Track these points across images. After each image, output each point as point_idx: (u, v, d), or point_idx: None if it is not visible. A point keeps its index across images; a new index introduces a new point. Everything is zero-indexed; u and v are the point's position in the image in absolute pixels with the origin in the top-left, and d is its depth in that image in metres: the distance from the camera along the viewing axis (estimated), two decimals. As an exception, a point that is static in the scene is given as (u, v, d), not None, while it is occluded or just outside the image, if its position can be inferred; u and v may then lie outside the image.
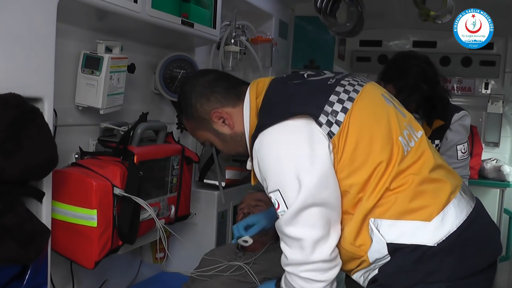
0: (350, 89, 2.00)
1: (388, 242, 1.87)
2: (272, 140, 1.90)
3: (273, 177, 1.89)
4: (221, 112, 2.11)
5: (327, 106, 1.91)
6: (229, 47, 3.43)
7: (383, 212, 1.88)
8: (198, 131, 2.22)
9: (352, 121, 1.90)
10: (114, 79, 2.38)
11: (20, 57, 1.79)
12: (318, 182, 1.84)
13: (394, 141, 1.93)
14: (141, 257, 3.22)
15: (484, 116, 5.21)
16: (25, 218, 1.80)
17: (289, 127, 1.89)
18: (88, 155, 2.44)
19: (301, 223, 1.86)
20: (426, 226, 1.86)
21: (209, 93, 2.12)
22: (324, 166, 1.86)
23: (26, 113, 1.72)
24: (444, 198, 1.90)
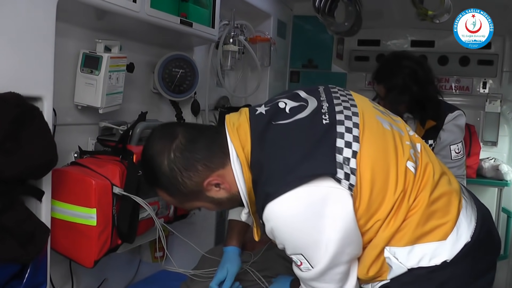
0: (350, 124, 1.83)
1: (409, 268, 1.81)
2: (287, 213, 1.72)
3: (293, 245, 1.78)
4: (215, 179, 1.87)
5: (337, 155, 1.74)
6: (228, 46, 3.44)
7: (398, 240, 1.81)
8: (187, 203, 2.00)
9: (363, 164, 1.76)
10: (113, 79, 2.39)
11: (20, 56, 1.80)
12: (342, 243, 1.74)
13: (405, 168, 1.82)
14: (140, 256, 3.22)
15: (482, 115, 5.21)
16: (25, 217, 1.81)
17: (304, 196, 1.70)
18: (87, 154, 2.44)
19: (327, 280, 1.81)
20: (443, 245, 1.81)
21: (193, 161, 1.85)
22: (347, 226, 1.74)
23: (26, 112, 1.73)
24: (455, 212, 1.85)
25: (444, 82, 5.27)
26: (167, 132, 1.91)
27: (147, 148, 1.93)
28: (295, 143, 1.79)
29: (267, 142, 1.82)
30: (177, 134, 1.87)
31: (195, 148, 1.85)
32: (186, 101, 3.21)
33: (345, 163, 1.73)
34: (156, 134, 1.93)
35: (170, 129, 1.92)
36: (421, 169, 1.87)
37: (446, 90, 5.22)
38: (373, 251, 1.82)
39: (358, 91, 2.10)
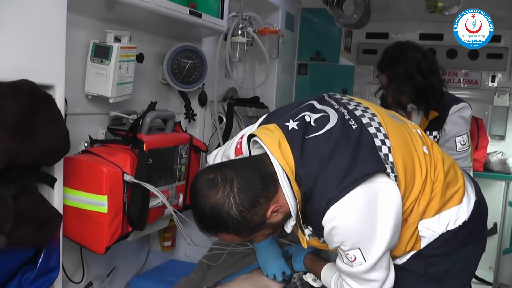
0: (376, 125, 2.00)
1: (440, 233, 2.09)
2: (349, 212, 1.85)
3: (353, 241, 1.89)
4: (274, 206, 1.92)
5: (380, 153, 1.93)
6: (236, 38, 3.45)
7: (428, 213, 2.06)
8: (252, 235, 2.03)
9: (396, 156, 1.96)
10: (123, 68, 2.40)
11: (32, 46, 1.82)
12: (394, 231, 1.92)
13: (423, 153, 2.08)
14: (149, 246, 3.25)
15: (491, 109, 5.20)
16: (38, 202, 1.83)
17: (362, 195, 1.85)
18: (97, 143, 2.46)
19: (378, 268, 1.94)
20: (461, 208, 2.13)
21: (255, 197, 1.88)
22: (398, 215, 1.92)
23: (39, 99, 1.75)
24: (462, 179, 2.19)
25: (453, 75, 5.27)
26: (217, 178, 1.89)
27: (203, 201, 1.89)
28: (338, 152, 1.90)
29: (310, 155, 1.91)
30: (231, 178, 1.87)
31: (253, 184, 1.88)
32: (194, 92, 3.22)
33: (386, 158, 1.93)
34: (206, 184, 1.91)
35: (219, 174, 1.90)
36: (430, 150, 2.13)
37: (454, 83, 5.22)
38: (409, 229, 2.06)
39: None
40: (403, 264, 2.15)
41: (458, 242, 2.13)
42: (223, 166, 1.95)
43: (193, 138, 2.84)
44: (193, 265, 2.88)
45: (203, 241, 2.82)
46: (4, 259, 1.73)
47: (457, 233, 2.11)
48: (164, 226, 2.74)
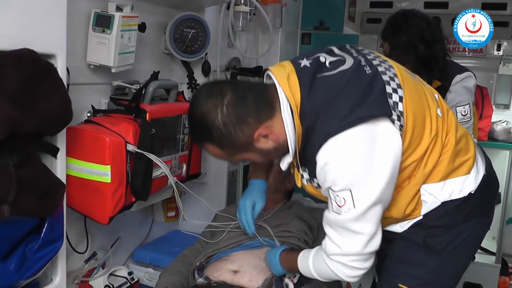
0: (391, 74, 1.97)
1: (442, 201, 2.05)
2: (345, 147, 1.82)
3: (346, 179, 1.85)
4: (263, 130, 1.94)
5: (389, 100, 1.89)
6: (239, 7, 3.41)
7: (434, 177, 2.03)
8: (237, 156, 2.06)
9: (408, 107, 1.92)
10: (125, 38, 2.38)
11: (33, 15, 1.80)
12: (389, 182, 1.88)
13: (436, 114, 2.04)
14: (152, 216, 3.27)
15: (495, 78, 5.17)
16: (41, 172, 1.83)
17: (362, 133, 1.82)
18: (100, 113, 2.45)
19: (367, 220, 1.90)
20: (468, 178, 2.08)
21: (244, 114, 1.92)
22: (396, 164, 1.89)
23: (41, 68, 1.74)
24: (473, 150, 2.14)
25: (457, 44, 5.21)
26: (215, 89, 1.97)
27: (196, 106, 1.97)
28: (347, 90, 1.89)
29: (318, 91, 1.91)
30: (226, 91, 1.93)
31: (245, 102, 1.93)
32: (197, 62, 3.20)
33: (395, 106, 1.89)
34: (203, 92, 1.99)
35: (218, 87, 1.98)
36: (445, 114, 2.09)
37: (459, 52, 5.17)
38: (411, 190, 2.03)
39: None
40: (404, 232, 2.14)
41: (461, 215, 2.09)
42: (227, 81, 2.14)
43: (196, 108, 2.81)
44: (197, 236, 2.89)
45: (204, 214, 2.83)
46: (8, 229, 1.73)
47: (461, 206, 2.06)
48: (168, 196, 2.74)
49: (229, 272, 2.44)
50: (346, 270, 2.01)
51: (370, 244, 1.94)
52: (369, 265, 2.01)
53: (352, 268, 1.99)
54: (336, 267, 2.01)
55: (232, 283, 2.40)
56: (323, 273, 2.11)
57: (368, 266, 2.01)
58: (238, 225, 2.65)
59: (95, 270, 2.64)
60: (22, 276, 1.79)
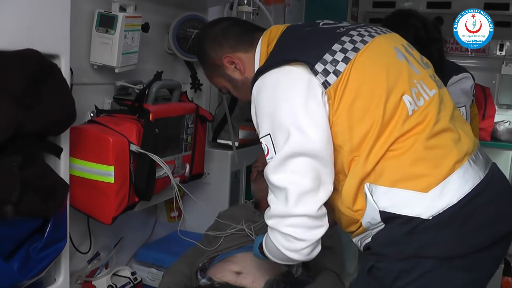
0: (358, 39, 1.92)
1: (380, 209, 1.78)
2: (269, 83, 1.87)
3: (266, 121, 1.83)
4: (232, 57, 2.14)
5: (327, 55, 1.84)
6: (242, 7, 3.41)
7: (378, 178, 1.79)
8: (214, 78, 2.29)
9: (354, 72, 1.82)
10: (128, 38, 2.39)
11: (37, 15, 1.80)
12: (310, 130, 1.77)
13: (398, 99, 1.82)
14: (155, 216, 3.27)
15: (498, 78, 5.17)
16: (45, 172, 1.83)
17: (286, 72, 1.85)
18: (103, 113, 2.45)
19: (289, 171, 1.78)
20: (422, 198, 1.75)
21: (222, 39, 2.16)
22: (318, 116, 1.79)
23: (45, 68, 1.74)
24: (447, 168, 1.77)
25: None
26: (218, 19, 2.42)
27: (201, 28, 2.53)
28: (301, 41, 1.98)
29: (286, 40, 2.03)
30: (222, 21, 2.29)
31: (228, 32, 2.17)
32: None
33: (332, 63, 1.83)
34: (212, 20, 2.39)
35: (222, 18, 2.51)
36: (422, 113, 1.83)
37: (461, 52, 5.17)
38: (353, 180, 1.82)
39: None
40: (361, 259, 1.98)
41: (411, 246, 1.77)
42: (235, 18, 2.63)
43: (199, 108, 2.82)
44: (200, 236, 2.89)
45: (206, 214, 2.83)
46: (12, 229, 1.73)
47: (412, 235, 1.76)
48: (171, 196, 2.73)
49: (232, 273, 2.45)
50: (284, 240, 1.84)
51: (300, 204, 1.77)
52: (309, 237, 1.80)
53: (287, 236, 1.82)
54: (275, 236, 1.87)
55: (235, 284, 2.41)
56: (271, 250, 1.96)
57: (308, 238, 1.80)
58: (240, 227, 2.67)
59: (98, 270, 2.64)
60: (25, 276, 1.79)
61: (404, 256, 1.77)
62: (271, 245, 1.92)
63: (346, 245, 3.00)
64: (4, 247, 1.73)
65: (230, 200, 3.31)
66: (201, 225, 2.97)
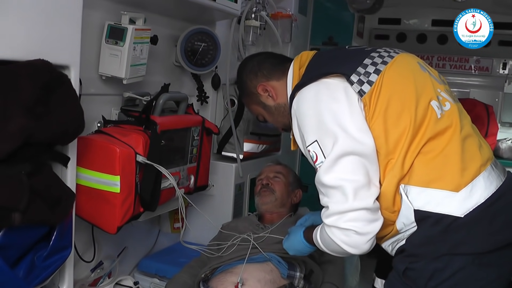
0: (385, 55, 2.10)
1: (415, 208, 1.90)
2: (310, 95, 2.02)
3: (312, 129, 1.96)
4: (265, 85, 2.35)
5: (360, 68, 2.01)
6: (250, 21, 3.44)
7: (412, 178, 1.91)
8: (251, 105, 2.50)
9: (385, 81, 1.98)
10: (137, 50, 2.41)
11: (48, 26, 1.83)
12: (355, 128, 1.91)
13: (427, 104, 1.97)
14: (159, 227, 3.28)
15: (501, 96, 5.18)
16: (53, 181, 1.85)
17: (325, 84, 2.01)
18: (111, 124, 2.48)
19: (341, 170, 1.89)
20: (453, 196, 1.87)
21: (257, 69, 2.39)
22: (360, 116, 1.94)
23: (55, 78, 1.76)
24: (474, 169, 1.91)
25: (464, 62, 5.25)
26: (257, 53, 2.65)
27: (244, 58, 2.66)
28: (333, 59, 2.18)
29: (317, 60, 2.21)
30: (260, 55, 2.55)
31: (263, 63, 2.40)
32: (207, 75, 3.24)
33: (364, 75, 2.00)
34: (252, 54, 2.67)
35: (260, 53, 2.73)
36: (449, 117, 1.99)
37: (465, 70, 5.20)
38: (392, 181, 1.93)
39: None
40: (394, 261, 2.04)
41: (445, 244, 1.88)
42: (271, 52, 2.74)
43: (205, 121, 2.85)
44: (203, 247, 2.90)
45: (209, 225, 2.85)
46: (18, 236, 1.74)
47: (446, 235, 1.87)
48: (175, 207, 2.75)
49: (234, 285, 2.46)
50: (343, 235, 1.90)
51: (358, 198, 1.86)
52: (369, 230, 1.88)
53: (347, 231, 1.88)
54: (333, 233, 1.93)
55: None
56: (328, 244, 2.03)
57: (368, 231, 1.88)
58: (243, 239, 2.68)
59: (101, 279, 2.65)
60: (30, 284, 1.80)
61: (439, 254, 1.89)
62: (329, 240, 1.99)
63: (348, 259, 3.02)
64: (10, 255, 1.73)
65: (234, 212, 3.33)
66: (205, 236, 2.98)
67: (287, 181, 3.02)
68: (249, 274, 2.50)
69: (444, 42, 5.16)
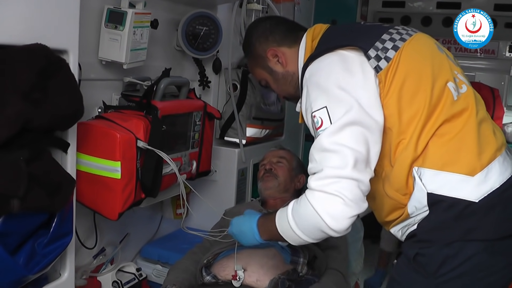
0: (403, 32, 2.03)
1: (428, 192, 1.84)
2: (324, 64, 1.94)
3: (322, 96, 1.85)
4: (276, 51, 2.22)
5: (378, 43, 1.94)
6: (252, 5, 3.40)
7: (427, 161, 1.85)
8: (256, 69, 2.34)
9: (403, 59, 1.91)
10: (137, 34, 2.39)
11: (46, 10, 1.81)
12: (367, 103, 1.83)
13: (443, 85, 1.91)
14: (162, 213, 3.27)
15: (507, 79, 5.16)
16: (52, 167, 1.84)
17: (340, 55, 1.93)
18: (111, 109, 2.46)
19: (346, 137, 1.76)
20: (468, 181, 1.82)
21: (268, 33, 2.25)
22: (373, 92, 1.87)
23: (53, 63, 1.75)
24: (490, 154, 1.87)
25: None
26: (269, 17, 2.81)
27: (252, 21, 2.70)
28: (349, 31, 2.13)
29: (331, 33, 2.13)
30: (272, 19, 2.45)
31: (275, 27, 2.27)
32: (208, 59, 3.21)
33: (382, 50, 1.92)
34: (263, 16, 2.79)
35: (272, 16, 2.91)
36: (465, 100, 1.93)
37: (471, 53, 5.16)
38: (404, 163, 1.87)
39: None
40: (403, 246, 1.99)
41: (458, 229, 1.83)
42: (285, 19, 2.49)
43: (207, 105, 2.83)
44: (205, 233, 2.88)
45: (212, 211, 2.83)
46: (18, 224, 1.73)
47: (458, 221, 1.82)
48: (177, 193, 2.73)
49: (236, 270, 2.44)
50: (327, 202, 1.73)
51: (356, 167, 1.74)
52: (355, 205, 1.73)
53: (334, 197, 1.72)
54: (317, 198, 1.76)
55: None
56: (304, 219, 1.83)
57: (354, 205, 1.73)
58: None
59: (104, 265, 2.65)
60: (31, 271, 1.80)
61: (452, 240, 1.83)
62: (307, 210, 1.79)
63: (352, 245, 3.00)
64: (10, 242, 1.73)
65: (237, 197, 3.31)
66: (207, 222, 2.97)
67: (290, 166, 2.99)
68: (252, 259, 2.48)
69: (449, 24, 5.10)
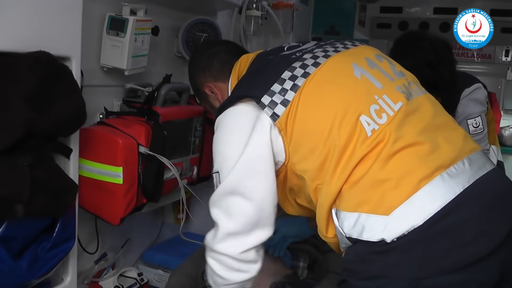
0: (310, 63, 1.84)
1: (346, 236, 1.69)
2: (222, 124, 1.87)
3: (216, 160, 1.87)
4: (212, 87, 2.20)
5: (276, 85, 1.78)
6: (251, 11, 3.43)
7: (341, 203, 1.70)
8: (201, 102, 2.39)
9: (303, 99, 1.75)
10: (138, 41, 2.41)
11: (49, 18, 1.82)
12: (245, 168, 1.78)
13: (354, 120, 1.70)
14: (163, 218, 3.28)
15: (503, 83, 5.19)
16: (55, 172, 1.85)
17: (237, 112, 1.84)
18: (113, 115, 2.47)
19: (221, 208, 1.83)
20: (384, 221, 1.61)
21: (205, 66, 2.21)
22: (255, 154, 1.78)
23: (56, 70, 1.76)
24: (409, 187, 1.62)
25: (466, 49, 5.24)
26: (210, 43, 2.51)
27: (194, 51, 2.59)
28: (258, 73, 1.94)
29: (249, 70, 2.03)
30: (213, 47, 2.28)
31: (213, 60, 2.19)
32: (209, 66, 3.22)
33: (280, 93, 1.77)
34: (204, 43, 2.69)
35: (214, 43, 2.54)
36: (381, 131, 1.70)
37: (467, 58, 5.20)
38: (322, 209, 1.75)
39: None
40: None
41: (375, 268, 1.66)
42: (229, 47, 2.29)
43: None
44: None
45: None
46: (21, 228, 1.74)
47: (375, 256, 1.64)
48: (179, 198, 2.75)
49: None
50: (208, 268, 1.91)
51: (223, 243, 1.81)
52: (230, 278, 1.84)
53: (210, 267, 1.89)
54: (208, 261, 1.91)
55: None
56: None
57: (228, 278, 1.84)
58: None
59: (105, 270, 2.65)
60: (34, 275, 1.80)
61: (370, 275, 1.67)
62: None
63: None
64: (14, 246, 1.74)
65: (237, 203, 3.32)
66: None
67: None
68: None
69: (447, 30, 5.14)
